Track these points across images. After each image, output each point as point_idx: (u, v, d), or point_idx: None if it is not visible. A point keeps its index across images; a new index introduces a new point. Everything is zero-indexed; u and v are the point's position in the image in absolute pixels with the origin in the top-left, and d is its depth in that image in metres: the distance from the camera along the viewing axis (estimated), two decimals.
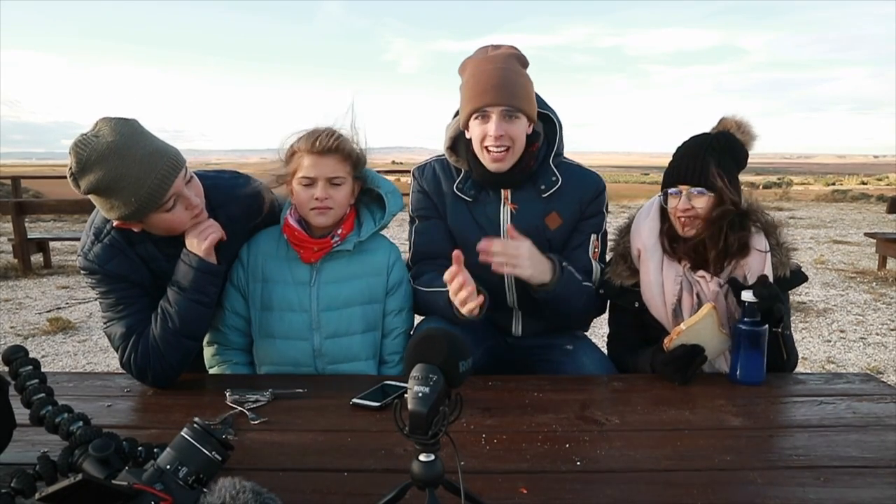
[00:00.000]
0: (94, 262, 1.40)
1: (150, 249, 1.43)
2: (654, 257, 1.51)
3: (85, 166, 1.27)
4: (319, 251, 1.53)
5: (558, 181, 1.63)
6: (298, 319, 1.54)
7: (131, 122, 1.32)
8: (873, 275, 5.94)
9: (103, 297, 1.43)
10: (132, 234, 1.41)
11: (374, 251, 1.60)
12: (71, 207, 7.37)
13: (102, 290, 1.43)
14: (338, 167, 1.49)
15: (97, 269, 1.40)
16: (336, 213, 1.52)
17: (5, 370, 1.02)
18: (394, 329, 1.62)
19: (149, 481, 0.78)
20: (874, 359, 3.72)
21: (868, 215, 11.21)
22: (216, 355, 1.59)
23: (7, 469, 0.88)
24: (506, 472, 1.00)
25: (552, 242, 1.65)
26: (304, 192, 1.49)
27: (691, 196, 1.45)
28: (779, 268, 1.48)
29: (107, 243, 1.41)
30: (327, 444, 1.10)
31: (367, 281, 1.58)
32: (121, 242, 1.42)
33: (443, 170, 1.70)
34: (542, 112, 1.65)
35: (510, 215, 1.64)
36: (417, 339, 0.82)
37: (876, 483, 0.95)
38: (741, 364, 1.38)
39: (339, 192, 1.50)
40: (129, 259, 1.42)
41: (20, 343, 2.62)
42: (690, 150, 1.48)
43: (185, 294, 1.39)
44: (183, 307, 1.39)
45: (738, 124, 1.52)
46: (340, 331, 1.55)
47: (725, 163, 1.46)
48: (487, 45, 1.60)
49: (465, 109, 1.55)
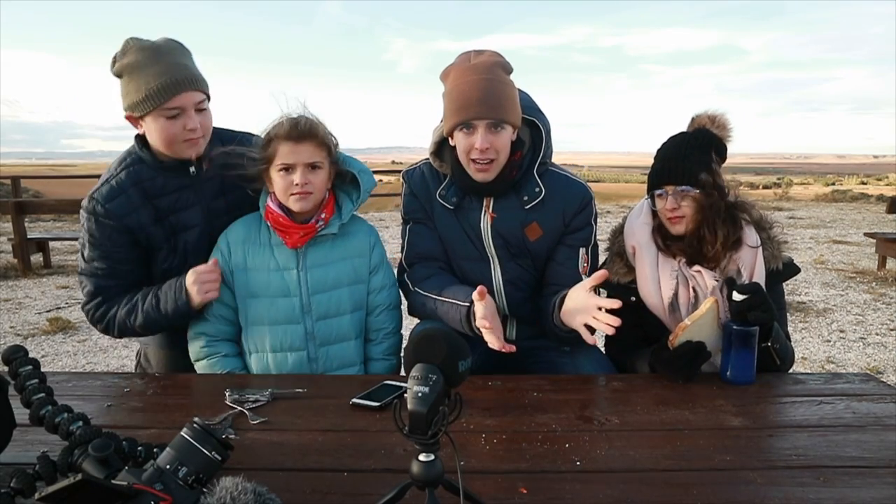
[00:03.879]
0: (98, 200, 1.52)
1: (159, 182, 1.55)
2: (648, 254, 1.53)
3: (125, 52, 1.49)
4: (305, 236, 1.54)
5: (541, 193, 1.60)
6: (289, 304, 1.56)
7: (184, 47, 1.52)
8: (873, 275, 5.94)
9: (90, 244, 1.54)
10: (143, 171, 1.55)
11: (356, 233, 1.64)
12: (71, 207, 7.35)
13: (93, 236, 1.53)
14: (315, 152, 1.51)
15: (98, 208, 1.52)
16: (316, 198, 1.53)
17: (5, 370, 1.02)
18: (378, 306, 1.65)
19: (148, 481, 0.78)
20: (874, 359, 3.72)
21: (868, 215, 11.21)
22: (204, 347, 1.58)
23: (7, 469, 0.88)
24: (505, 472, 1.00)
25: (533, 254, 1.65)
26: (283, 179, 1.51)
27: (677, 195, 1.47)
28: (770, 261, 1.50)
29: (114, 184, 1.54)
30: (327, 444, 1.10)
31: (352, 262, 1.62)
32: (127, 183, 1.54)
33: (430, 174, 1.70)
34: (529, 118, 1.62)
35: (490, 224, 1.63)
36: (417, 339, 0.82)
37: (876, 483, 0.95)
38: (732, 364, 1.38)
39: (317, 177, 1.52)
40: (131, 200, 1.53)
41: (20, 343, 2.62)
42: (671, 150, 1.51)
43: (158, 311, 1.52)
44: (150, 317, 1.53)
45: (710, 119, 1.55)
46: (331, 312, 1.58)
47: (706, 157, 1.48)
48: (470, 51, 1.57)
49: (450, 121, 1.53)
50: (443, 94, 1.57)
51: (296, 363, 1.56)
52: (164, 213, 1.57)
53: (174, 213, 1.58)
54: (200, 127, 1.51)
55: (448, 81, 1.55)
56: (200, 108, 1.51)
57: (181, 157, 1.54)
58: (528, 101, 1.64)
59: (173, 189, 1.57)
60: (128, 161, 1.57)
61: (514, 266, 1.67)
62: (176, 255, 1.60)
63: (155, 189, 1.55)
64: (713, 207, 1.46)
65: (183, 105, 1.47)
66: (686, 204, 1.47)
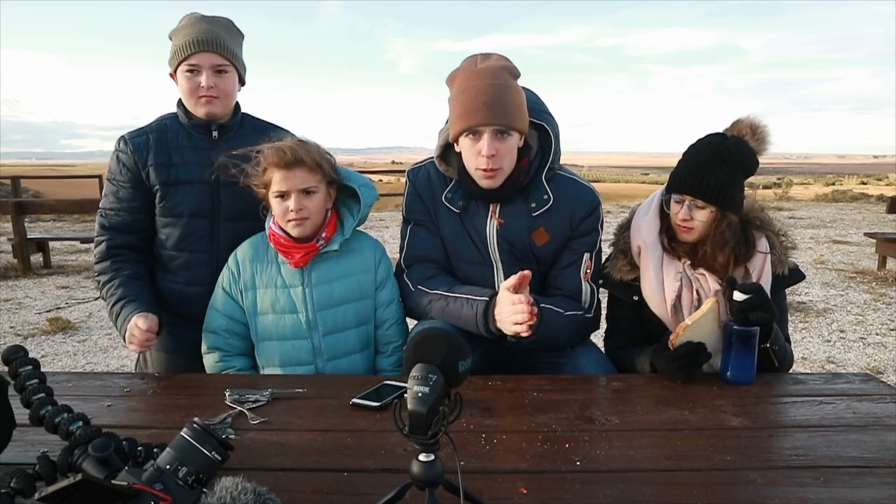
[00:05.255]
0: (126, 137, 1.70)
1: (182, 135, 1.71)
2: (654, 254, 1.52)
3: (180, 20, 1.71)
4: (306, 255, 1.55)
5: (549, 200, 1.59)
6: (295, 320, 1.57)
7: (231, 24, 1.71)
8: (873, 275, 5.94)
9: (108, 181, 1.73)
10: (171, 123, 1.73)
11: (361, 250, 1.64)
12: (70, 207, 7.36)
13: (111, 171, 1.72)
14: (308, 177, 1.51)
15: (121, 144, 1.70)
16: (313, 223, 1.54)
17: (5, 370, 1.02)
18: (387, 320, 1.66)
19: (148, 481, 0.78)
20: (874, 359, 3.72)
21: (868, 215, 11.20)
22: (219, 362, 1.60)
23: (7, 469, 0.88)
24: (505, 472, 1.00)
25: (539, 259, 1.64)
26: (279, 205, 1.53)
27: (693, 207, 1.45)
28: (777, 266, 1.50)
29: (143, 127, 1.74)
30: (327, 444, 1.10)
31: (357, 279, 1.62)
32: (153, 127, 1.73)
33: (437, 175, 1.68)
34: (537, 122, 1.59)
35: (496, 229, 1.62)
36: (417, 339, 0.82)
37: (876, 483, 0.95)
38: (732, 364, 1.37)
39: (312, 202, 1.52)
40: (150, 140, 1.70)
41: (20, 343, 2.62)
42: (700, 157, 1.45)
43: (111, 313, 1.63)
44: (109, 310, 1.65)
45: (752, 129, 1.48)
46: (337, 327, 1.59)
47: (733, 176, 1.44)
48: (476, 55, 1.55)
49: (456, 126, 1.51)
50: (448, 99, 1.56)
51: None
52: (175, 162, 1.69)
53: (183, 165, 1.69)
54: (216, 87, 1.65)
55: (454, 86, 1.53)
56: (219, 71, 1.66)
57: (198, 114, 1.69)
58: (536, 103, 1.61)
59: (191, 145, 1.71)
60: (164, 115, 1.77)
61: (518, 270, 1.66)
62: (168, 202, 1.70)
63: (175, 140, 1.71)
64: (726, 225, 1.44)
65: (200, 63, 1.63)
66: (699, 218, 1.45)
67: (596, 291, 1.65)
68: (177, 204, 1.68)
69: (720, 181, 1.42)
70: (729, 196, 1.43)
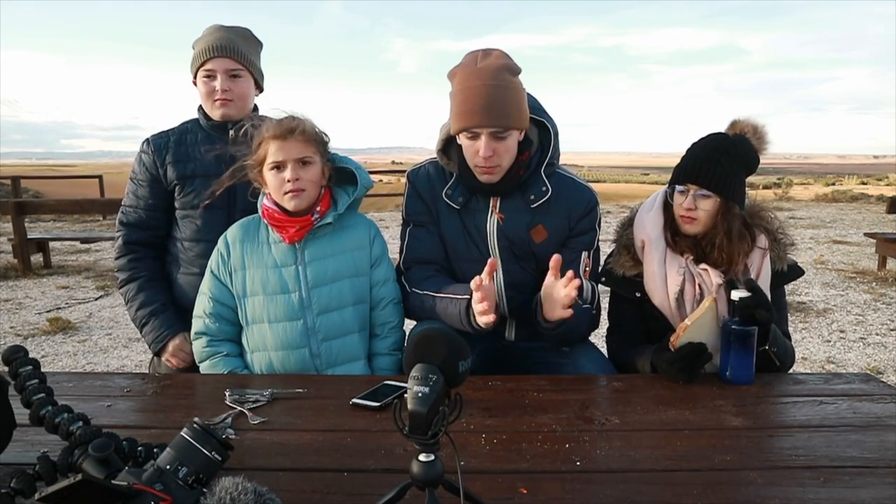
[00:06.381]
0: (150, 138, 1.81)
1: (201, 136, 1.81)
2: (657, 249, 1.53)
3: (203, 31, 1.82)
4: (301, 229, 1.55)
5: (548, 192, 1.61)
6: (287, 300, 1.55)
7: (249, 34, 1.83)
8: (873, 275, 5.93)
9: (129, 181, 1.84)
10: (192, 126, 1.83)
11: (355, 226, 1.65)
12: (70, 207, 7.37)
13: (133, 172, 1.82)
14: (304, 147, 1.53)
15: (144, 145, 1.81)
16: (309, 195, 1.54)
17: (5, 370, 1.02)
18: (382, 299, 1.65)
19: (149, 481, 0.78)
20: (874, 359, 3.72)
21: (868, 215, 11.20)
22: (206, 348, 1.58)
23: (7, 469, 0.88)
24: (506, 472, 1.00)
25: (537, 256, 1.64)
26: (275, 177, 1.53)
27: (697, 197, 1.46)
28: (776, 262, 1.52)
29: (167, 131, 1.84)
30: (327, 444, 1.10)
31: (352, 255, 1.61)
32: (175, 130, 1.83)
33: (437, 173, 1.69)
34: (537, 118, 1.61)
35: (497, 225, 1.63)
36: (417, 339, 0.82)
37: (876, 483, 0.95)
38: (731, 364, 1.37)
39: (308, 172, 1.53)
40: (169, 140, 1.80)
41: (20, 343, 2.62)
42: (706, 150, 1.48)
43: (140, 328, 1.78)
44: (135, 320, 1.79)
45: (754, 129, 1.52)
46: (332, 305, 1.57)
47: (737, 168, 1.47)
48: (477, 52, 1.55)
49: (455, 124, 1.53)
50: (450, 94, 1.57)
51: (298, 360, 1.56)
52: (192, 157, 1.78)
53: (200, 159, 1.77)
54: (231, 91, 1.76)
55: (455, 83, 1.54)
56: (234, 75, 1.76)
57: (214, 116, 1.80)
58: (535, 105, 1.63)
59: (209, 142, 1.78)
60: (188, 120, 1.87)
61: (517, 269, 1.66)
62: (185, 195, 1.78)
63: (194, 140, 1.81)
64: (729, 217, 1.46)
65: (216, 68, 1.75)
66: (703, 207, 1.46)
67: (596, 289, 1.66)
68: (194, 196, 1.76)
69: (725, 171, 1.44)
70: (732, 187, 1.45)
